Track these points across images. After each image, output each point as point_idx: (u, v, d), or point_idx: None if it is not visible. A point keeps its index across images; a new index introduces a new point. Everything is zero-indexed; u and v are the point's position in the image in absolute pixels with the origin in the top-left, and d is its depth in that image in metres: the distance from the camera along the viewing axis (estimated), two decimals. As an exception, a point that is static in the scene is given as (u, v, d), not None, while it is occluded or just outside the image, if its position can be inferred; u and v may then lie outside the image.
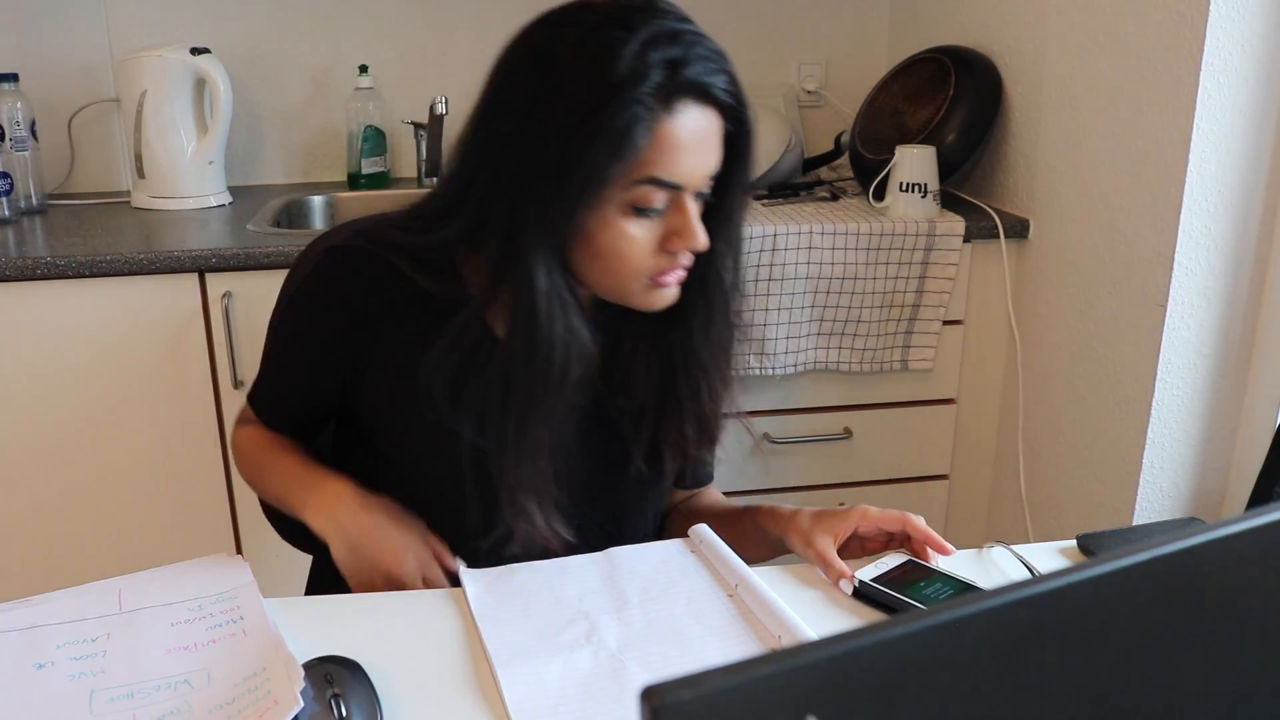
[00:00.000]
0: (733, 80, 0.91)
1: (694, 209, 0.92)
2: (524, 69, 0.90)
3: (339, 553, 0.98)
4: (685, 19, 0.90)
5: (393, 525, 0.99)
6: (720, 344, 1.03)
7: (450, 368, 0.97)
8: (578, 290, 0.96)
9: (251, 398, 1.15)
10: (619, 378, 1.04)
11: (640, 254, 0.92)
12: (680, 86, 0.86)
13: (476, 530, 1.00)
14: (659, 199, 0.90)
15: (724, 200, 0.96)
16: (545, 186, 0.88)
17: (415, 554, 0.98)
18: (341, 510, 0.99)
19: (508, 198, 0.90)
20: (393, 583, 0.97)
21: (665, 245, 0.92)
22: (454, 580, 0.99)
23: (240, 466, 1.16)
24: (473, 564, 0.99)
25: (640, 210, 0.90)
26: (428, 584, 0.98)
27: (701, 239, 0.92)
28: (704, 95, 0.88)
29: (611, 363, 1.03)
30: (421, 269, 0.97)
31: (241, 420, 1.17)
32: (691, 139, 0.88)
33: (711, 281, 1.00)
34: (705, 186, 0.93)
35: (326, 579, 1.16)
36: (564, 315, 0.93)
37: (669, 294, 0.96)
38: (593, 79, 0.85)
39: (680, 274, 0.95)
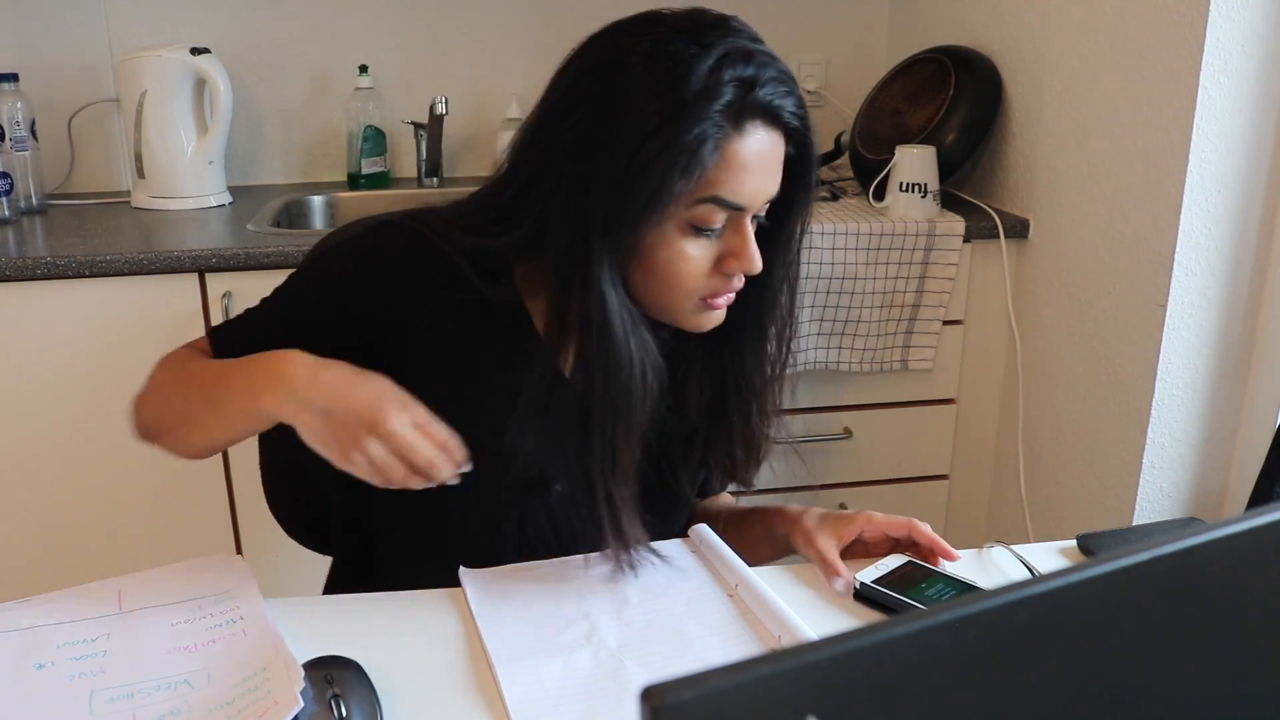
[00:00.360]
0: (800, 104, 0.90)
1: (751, 232, 0.91)
2: (590, 77, 0.88)
3: (310, 427, 0.85)
4: (758, 39, 0.89)
5: (358, 376, 0.87)
6: (773, 369, 1.02)
7: (535, 422, 0.94)
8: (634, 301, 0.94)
9: (213, 332, 1.02)
10: (672, 400, 1.01)
11: (696, 274, 0.91)
12: (751, 107, 0.85)
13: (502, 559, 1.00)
14: (719, 219, 0.89)
15: (783, 225, 0.96)
16: (610, 198, 0.86)
17: (394, 399, 0.85)
18: (296, 377, 0.86)
19: (571, 207, 0.88)
20: (384, 439, 0.84)
21: (721, 266, 0.91)
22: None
23: (152, 393, 0.99)
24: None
25: (699, 229, 0.89)
26: (421, 431, 0.85)
27: (757, 262, 0.91)
28: (773, 117, 0.87)
29: (666, 385, 1.01)
30: (479, 273, 0.94)
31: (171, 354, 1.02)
32: (757, 160, 0.87)
33: (767, 305, 0.99)
34: (763, 210, 0.92)
35: (346, 580, 1.16)
36: (635, 328, 0.91)
37: (717, 316, 0.95)
38: (664, 92, 0.84)
39: (730, 297, 0.94)
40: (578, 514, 1.02)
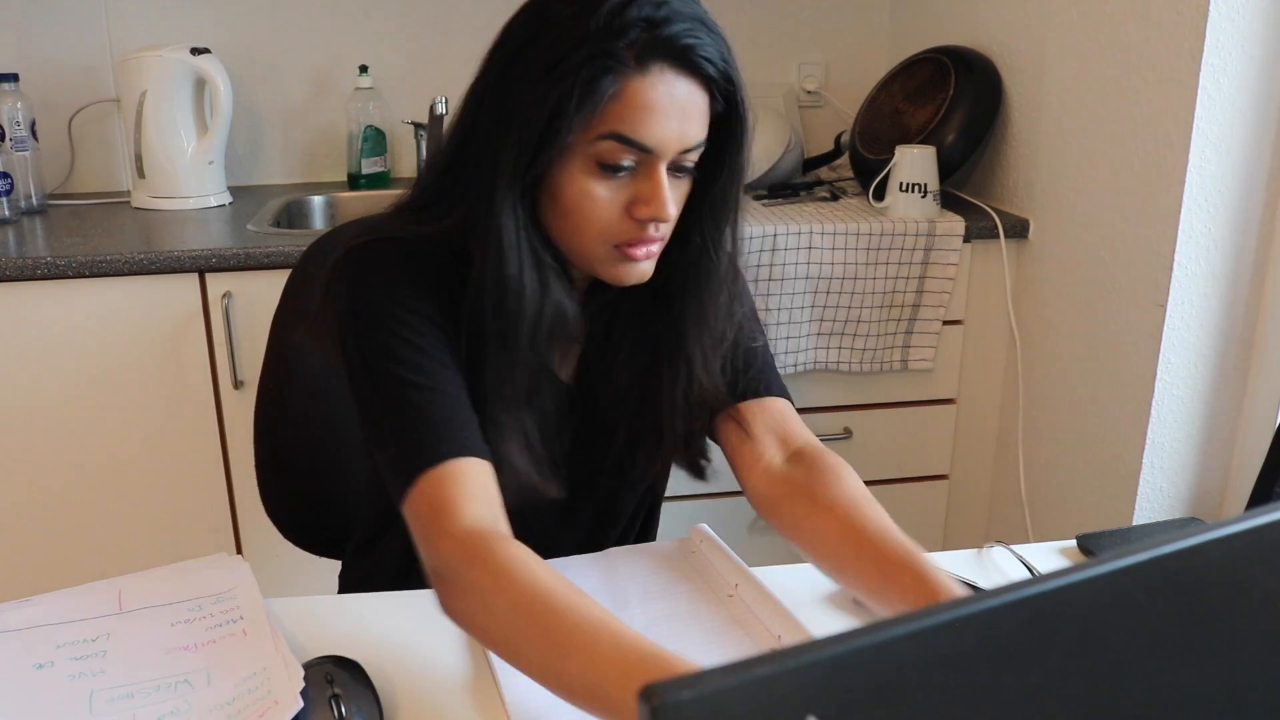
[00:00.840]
0: (723, 57, 0.89)
1: (665, 179, 0.89)
2: (514, 25, 0.91)
3: None
4: None
5: None
6: (711, 338, 0.99)
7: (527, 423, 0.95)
8: (555, 255, 0.94)
9: (413, 463, 0.86)
10: (606, 362, 1.02)
11: (605, 216, 0.90)
12: (656, 46, 0.85)
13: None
14: (626, 158, 0.88)
15: (713, 184, 0.94)
16: (513, 129, 0.87)
17: None
18: None
19: (483, 144, 0.90)
20: None
21: (631, 211, 0.90)
22: None
23: (487, 618, 0.78)
24: None
25: (605, 168, 0.88)
26: None
27: (667, 209, 0.89)
28: (683, 61, 0.86)
29: (602, 348, 1.02)
30: (457, 259, 0.94)
31: (464, 550, 0.81)
32: (664, 102, 0.86)
33: (704, 270, 0.97)
34: (685, 159, 0.90)
35: (356, 578, 1.16)
36: (536, 267, 0.91)
37: (639, 269, 0.93)
38: (572, 26, 0.85)
39: (650, 249, 0.92)
40: (568, 522, 1.02)
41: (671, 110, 0.87)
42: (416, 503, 0.85)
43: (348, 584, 1.19)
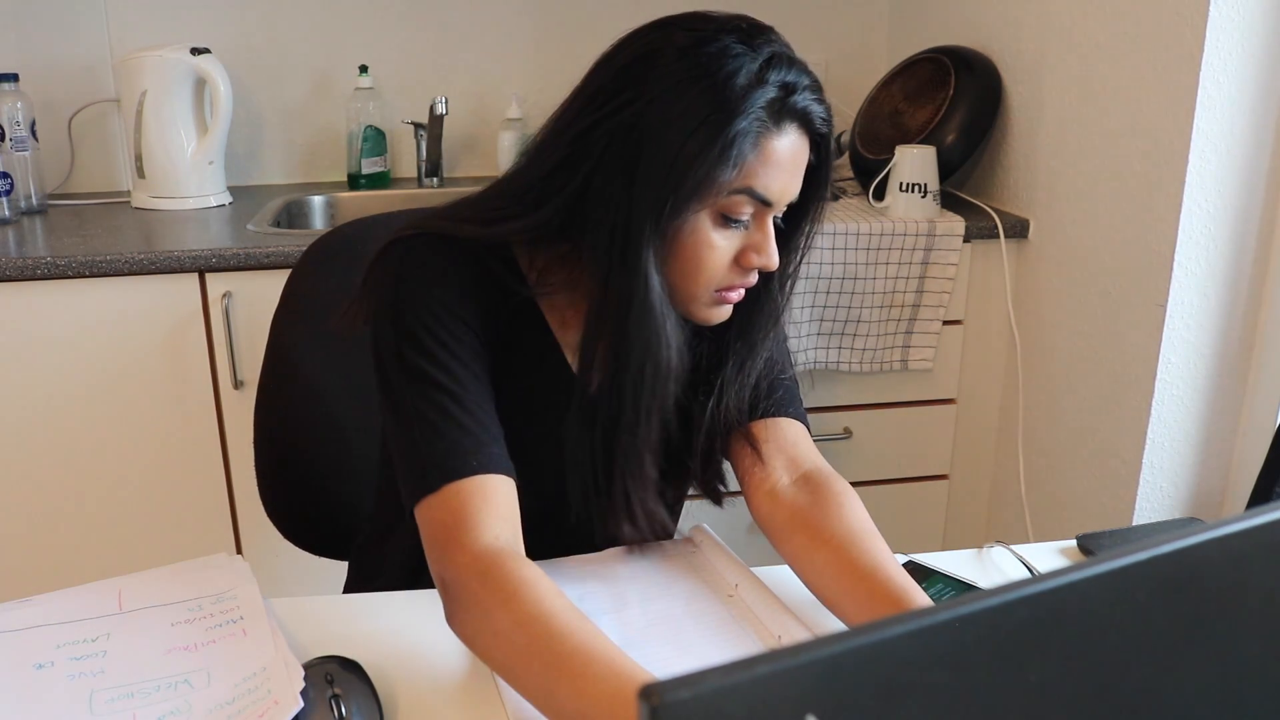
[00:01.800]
0: (828, 114, 0.93)
1: (772, 230, 0.93)
2: (638, 65, 0.89)
3: None
4: (793, 52, 0.93)
5: None
6: (751, 363, 1.02)
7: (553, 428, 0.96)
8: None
9: (433, 480, 0.86)
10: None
11: (718, 265, 0.92)
12: (790, 109, 0.88)
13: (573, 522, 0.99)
14: (747, 212, 0.90)
15: (796, 228, 0.97)
16: (658, 184, 0.87)
17: None
18: None
19: (614, 191, 0.89)
20: None
21: (741, 260, 0.93)
22: None
23: (490, 636, 0.80)
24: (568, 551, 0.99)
25: (729, 220, 0.90)
26: None
27: (775, 258, 0.93)
28: (806, 122, 0.90)
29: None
30: (509, 270, 0.95)
31: (477, 566, 0.82)
32: (789, 160, 0.90)
33: (765, 307, 0.99)
34: (783, 210, 0.94)
35: (366, 575, 1.16)
36: (669, 312, 0.92)
37: (726, 311, 0.97)
38: (713, 85, 0.86)
39: (741, 293, 0.96)
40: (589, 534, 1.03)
41: (791, 167, 0.90)
42: (437, 510, 0.85)
43: (357, 580, 1.18)
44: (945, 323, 1.93)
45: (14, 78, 1.97)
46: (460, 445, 0.87)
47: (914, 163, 1.87)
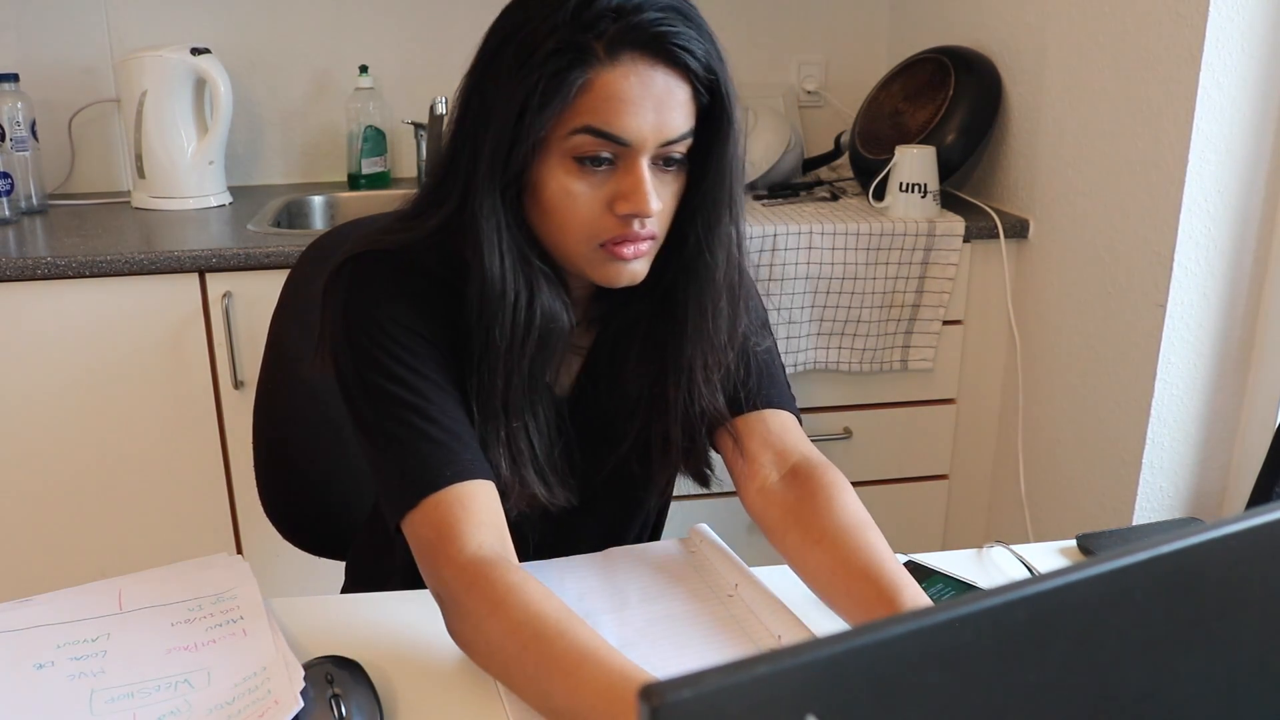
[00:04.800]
0: (704, 48, 0.86)
1: (647, 173, 0.87)
2: (495, 23, 0.90)
3: None
4: None
5: None
6: (713, 345, 0.96)
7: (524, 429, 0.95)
8: (545, 259, 0.92)
9: (414, 490, 0.86)
10: (614, 371, 1.00)
11: (586, 213, 0.88)
12: (627, 36, 0.83)
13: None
14: (602, 152, 0.86)
15: (700, 179, 0.91)
16: (491, 129, 0.86)
17: None
18: None
19: (466, 147, 0.89)
20: None
21: (614, 208, 0.88)
22: None
23: (486, 646, 0.80)
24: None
25: (583, 163, 0.86)
26: None
27: (649, 203, 0.86)
28: (656, 50, 0.84)
29: (610, 357, 1.01)
30: (448, 268, 0.93)
31: (466, 577, 0.82)
32: (636, 93, 0.84)
33: (702, 273, 0.94)
34: (670, 152, 0.88)
35: (360, 579, 1.16)
36: (521, 268, 0.89)
37: (629, 270, 0.91)
38: (541, 23, 0.84)
39: (639, 248, 0.90)
40: (574, 528, 1.02)
41: (646, 101, 0.84)
42: (419, 526, 0.85)
43: (358, 579, 1.18)
44: (945, 323, 1.93)
45: (14, 78, 1.97)
46: (433, 458, 0.86)
47: (914, 163, 1.87)
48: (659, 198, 0.87)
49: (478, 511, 0.85)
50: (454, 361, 0.92)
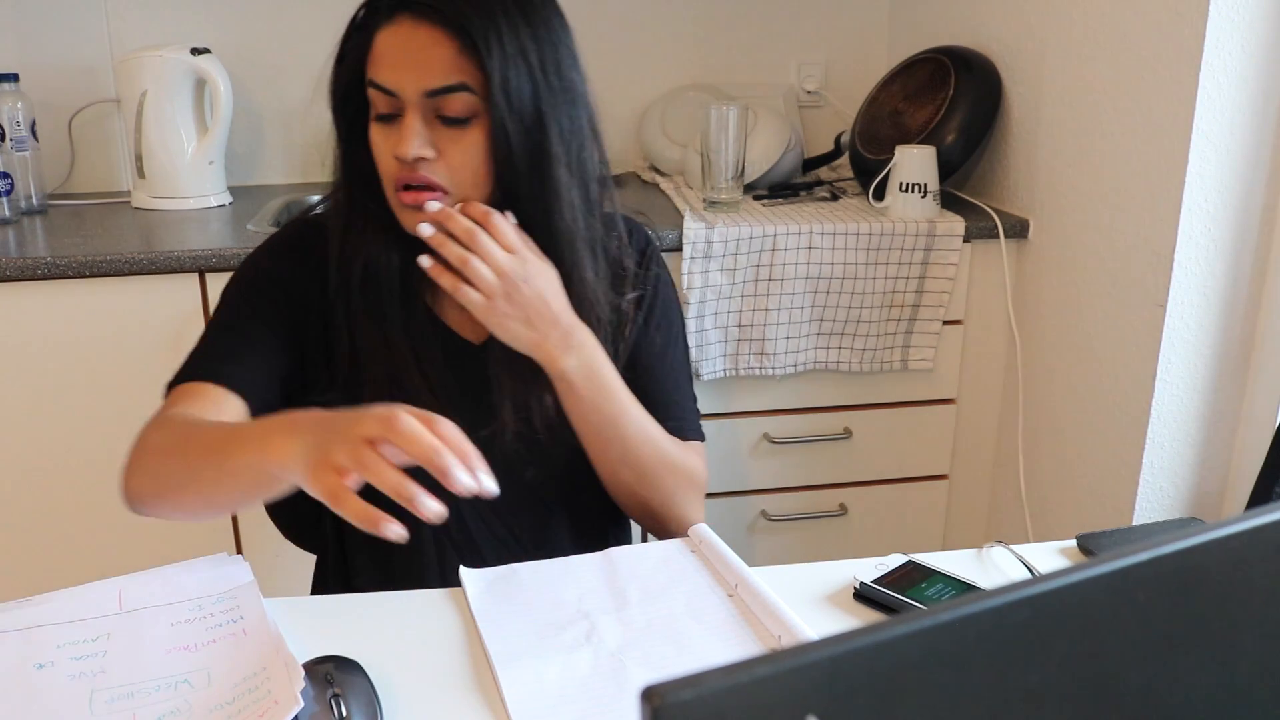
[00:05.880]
0: (475, 9, 0.94)
1: (416, 121, 0.95)
2: None
3: (307, 457, 0.78)
4: None
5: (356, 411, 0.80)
6: (579, 302, 1.02)
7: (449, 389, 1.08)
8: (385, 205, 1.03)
9: (176, 381, 1.03)
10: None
11: (384, 163, 0.99)
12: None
13: None
14: (384, 105, 0.97)
15: (507, 138, 0.97)
16: (332, 90, 1.04)
17: (384, 409, 0.78)
18: (299, 420, 0.83)
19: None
20: (387, 431, 0.76)
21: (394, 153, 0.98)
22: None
23: (144, 458, 0.95)
24: None
25: (378, 117, 0.98)
26: (427, 425, 0.77)
27: (407, 146, 0.95)
28: (419, 10, 0.94)
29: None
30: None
31: (148, 422, 0.99)
32: (399, 47, 0.95)
33: (540, 233, 1.01)
34: (443, 108, 0.96)
35: (329, 579, 1.17)
36: (352, 218, 1.03)
37: (419, 218, 0.98)
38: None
39: (418, 195, 0.98)
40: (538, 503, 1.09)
41: (408, 55, 0.95)
42: (166, 401, 1.02)
43: (333, 581, 1.18)
44: (945, 323, 1.93)
45: (14, 78, 1.97)
46: (196, 360, 1.03)
47: (914, 163, 1.87)
48: (435, 148, 0.97)
49: (202, 403, 0.99)
50: (316, 320, 1.05)
